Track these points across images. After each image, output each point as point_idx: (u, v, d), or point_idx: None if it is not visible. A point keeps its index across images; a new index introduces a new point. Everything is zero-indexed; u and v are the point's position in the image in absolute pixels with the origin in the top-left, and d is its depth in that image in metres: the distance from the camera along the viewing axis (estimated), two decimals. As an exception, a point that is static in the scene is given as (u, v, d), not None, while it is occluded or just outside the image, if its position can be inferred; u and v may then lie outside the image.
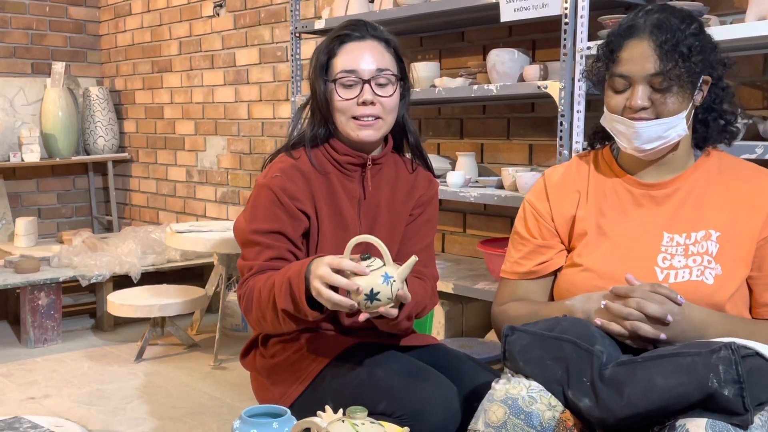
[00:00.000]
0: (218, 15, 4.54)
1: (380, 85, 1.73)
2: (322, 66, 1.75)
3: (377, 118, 1.73)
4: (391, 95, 1.74)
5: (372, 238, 1.52)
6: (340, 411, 1.31)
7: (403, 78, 1.80)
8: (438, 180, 1.97)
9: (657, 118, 1.48)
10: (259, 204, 1.72)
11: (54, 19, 5.37)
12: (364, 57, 1.72)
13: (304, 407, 1.65)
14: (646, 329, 1.37)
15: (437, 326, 2.93)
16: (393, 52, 1.78)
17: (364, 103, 1.72)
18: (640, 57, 1.47)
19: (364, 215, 1.80)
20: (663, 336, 1.37)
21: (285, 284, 1.56)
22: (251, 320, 1.70)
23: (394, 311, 1.49)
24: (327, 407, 1.33)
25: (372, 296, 1.44)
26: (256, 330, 1.77)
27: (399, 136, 1.89)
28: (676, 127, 1.49)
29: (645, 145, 1.50)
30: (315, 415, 1.31)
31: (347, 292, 1.45)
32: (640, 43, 1.47)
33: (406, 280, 1.51)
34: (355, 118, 1.73)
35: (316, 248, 1.75)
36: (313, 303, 1.53)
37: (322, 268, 1.46)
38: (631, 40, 1.49)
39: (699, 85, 1.50)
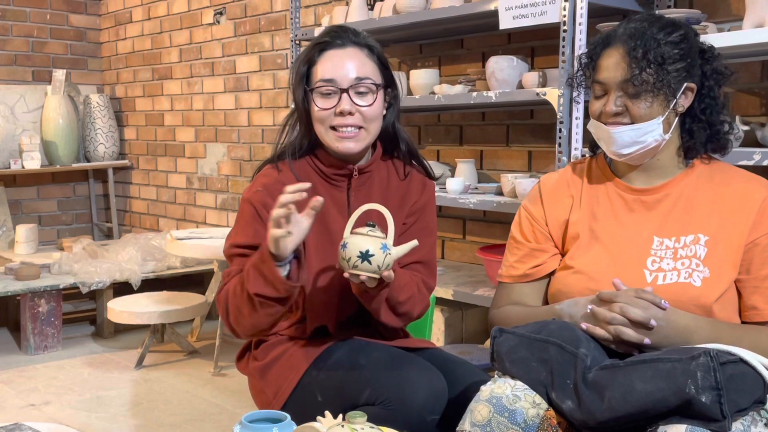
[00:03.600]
0: (218, 22, 4.56)
1: (360, 94, 1.68)
2: (302, 75, 1.72)
3: (359, 128, 1.69)
4: (371, 104, 1.69)
5: (381, 207, 1.55)
6: (340, 416, 1.32)
7: (389, 85, 1.76)
8: (435, 182, 1.93)
9: (632, 123, 1.52)
10: (242, 218, 1.72)
11: (55, 27, 5.39)
12: (343, 65, 1.68)
13: (296, 405, 1.66)
14: (629, 334, 1.39)
15: (437, 332, 2.93)
16: (376, 60, 1.74)
17: (341, 113, 1.67)
18: (613, 64, 1.52)
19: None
20: (647, 341, 1.39)
21: (250, 268, 1.56)
22: (231, 323, 1.67)
23: (374, 282, 1.53)
24: (327, 412, 1.34)
25: (365, 255, 1.48)
26: (239, 334, 1.74)
27: (390, 145, 1.84)
28: (652, 132, 1.52)
29: (622, 149, 1.54)
30: (308, 412, 1.32)
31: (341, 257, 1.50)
32: (615, 51, 1.52)
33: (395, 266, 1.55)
34: (333, 128, 1.69)
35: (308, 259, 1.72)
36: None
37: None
38: (608, 48, 1.55)
39: (680, 92, 1.53)
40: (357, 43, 1.72)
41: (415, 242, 1.56)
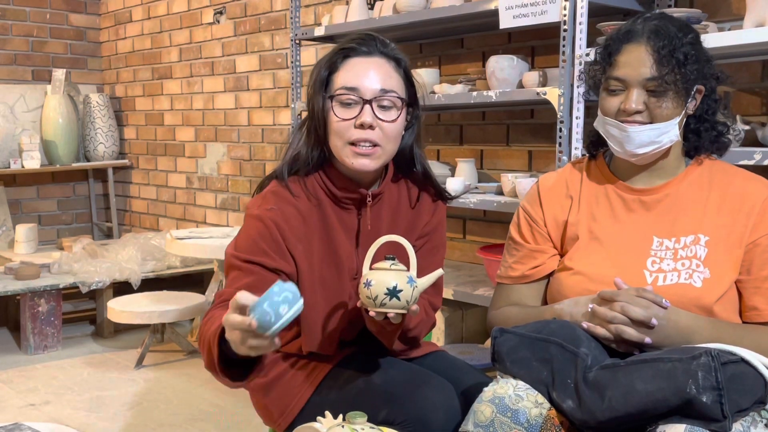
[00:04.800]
0: (218, 22, 4.56)
1: (383, 108, 1.56)
2: (323, 81, 1.59)
3: (375, 145, 1.56)
4: (393, 120, 1.57)
5: (401, 239, 1.48)
6: (340, 416, 1.31)
7: (412, 104, 1.64)
8: (447, 199, 1.80)
9: (651, 122, 1.50)
10: (249, 234, 1.58)
11: (54, 27, 5.39)
12: (368, 74, 1.56)
13: (306, 423, 1.62)
14: (630, 333, 1.39)
15: (437, 332, 2.93)
16: (403, 74, 1.62)
17: (362, 126, 1.54)
18: (636, 61, 1.49)
19: (361, 247, 1.66)
20: (648, 340, 1.39)
21: (207, 363, 1.41)
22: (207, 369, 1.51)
23: (399, 318, 1.45)
24: (327, 413, 1.33)
25: (394, 292, 1.40)
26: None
27: (404, 167, 1.72)
28: (669, 132, 1.51)
29: (637, 149, 1.52)
30: (317, 433, 1.30)
31: (364, 287, 1.40)
32: (638, 48, 1.50)
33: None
34: (351, 144, 1.56)
35: (306, 287, 1.63)
36: (234, 364, 1.38)
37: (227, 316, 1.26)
38: (629, 44, 1.51)
39: (693, 93, 1.52)
40: (385, 53, 1.61)
41: (440, 271, 1.49)
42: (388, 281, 1.40)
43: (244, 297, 1.22)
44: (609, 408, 1.27)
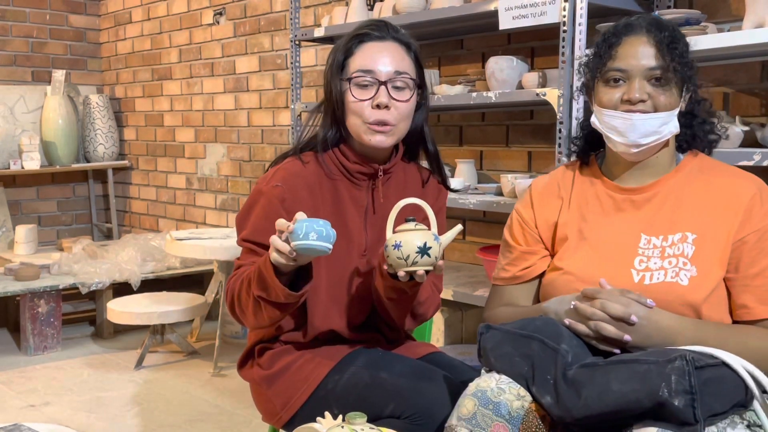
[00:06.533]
0: (218, 23, 4.56)
1: (397, 89, 1.67)
2: (339, 64, 1.69)
3: (391, 124, 1.66)
4: (407, 100, 1.68)
5: (419, 200, 1.56)
6: (340, 417, 1.32)
7: (421, 86, 1.75)
8: (449, 191, 1.91)
9: (655, 111, 1.51)
10: (254, 212, 1.67)
11: (54, 27, 5.39)
12: (382, 58, 1.66)
13: (308, 417, 1.62)
14: (609, 329, 1.40)
15: (437, 333, 2.93)
16: (413, 57, 1.73)
17: (378, 106, 1.64)
18: (639, 51, 1.51)
19: (370, 225, 1.74)
20: (627, 337, 1.39)
21: (255, 270, 1.54)
22: (236, 315, 1.67)
23: (424, 277, 1.51)
24: (327, 413, 1.34)
25: (424, 250, 1.47)
26: (247, 326, 1.72)
27: (416, 146, 1.82)
28: (669, 123, 1.52)
29: (640, 138, 1.52)
30: (320, 425, 1.31)
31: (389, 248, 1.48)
32: (639, 39, 1.52)
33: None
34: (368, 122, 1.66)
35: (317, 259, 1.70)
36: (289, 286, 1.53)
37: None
38: (630, 36, 1.54)
39: (689, 87, 1.55)
40: (397, 38, 1.71)
41: (459, 227, 1.56)
42: (417, 240, 1.48)
43: (299, 215, 1.46)
44: (584, 406, 1.28)
